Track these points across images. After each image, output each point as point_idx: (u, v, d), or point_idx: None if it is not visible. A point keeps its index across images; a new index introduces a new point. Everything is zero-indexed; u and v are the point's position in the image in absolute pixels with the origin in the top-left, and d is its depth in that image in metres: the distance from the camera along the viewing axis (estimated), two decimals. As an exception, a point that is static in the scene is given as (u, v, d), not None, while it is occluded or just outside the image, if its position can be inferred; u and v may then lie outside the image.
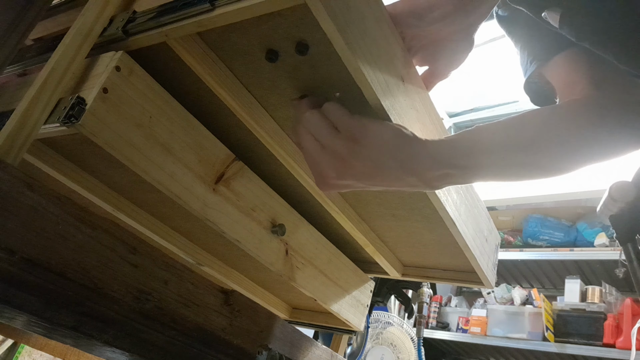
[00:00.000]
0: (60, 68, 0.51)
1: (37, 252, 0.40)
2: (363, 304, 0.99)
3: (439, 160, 0.54)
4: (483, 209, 0.81)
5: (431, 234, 0.81)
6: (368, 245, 0.88)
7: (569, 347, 2.39)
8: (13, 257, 0.38)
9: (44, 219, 0.41)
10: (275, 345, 0.63)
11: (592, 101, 0.60)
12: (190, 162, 0.61)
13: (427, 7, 0.58)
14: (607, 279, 2.57)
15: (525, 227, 2.99)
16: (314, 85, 0.57)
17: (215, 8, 0.47)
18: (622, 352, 2.20)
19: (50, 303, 0.41)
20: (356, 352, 1.57)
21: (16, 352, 1.58)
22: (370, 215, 0.84)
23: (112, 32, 0.56)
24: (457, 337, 2.88)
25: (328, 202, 0.78)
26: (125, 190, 0.72)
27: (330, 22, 0.44)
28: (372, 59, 0.49)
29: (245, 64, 0.58)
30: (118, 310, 0.45)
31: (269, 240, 0.74)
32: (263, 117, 0.65)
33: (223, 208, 0.66)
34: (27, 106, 0.48)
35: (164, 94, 0.58)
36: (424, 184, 0.55)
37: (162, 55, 0.57)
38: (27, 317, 0.41)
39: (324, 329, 1.05)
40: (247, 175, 0.70)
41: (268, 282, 0.96)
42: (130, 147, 0.54)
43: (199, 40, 0.56)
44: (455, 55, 0.64)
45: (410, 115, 0.57)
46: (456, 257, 0.83)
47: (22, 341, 1.17)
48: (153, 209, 0.76)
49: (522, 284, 3.16)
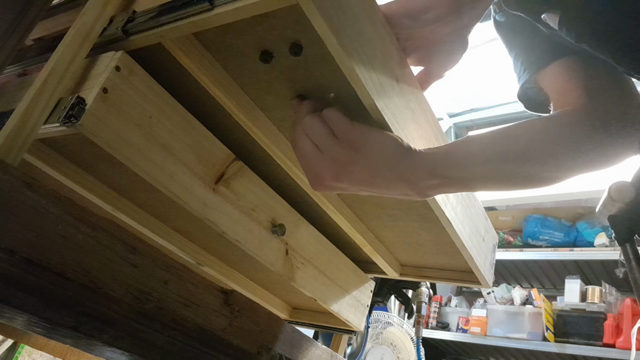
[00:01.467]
0: (60, 68, 0.51)
1: (37, 252, 0.40)
2: (363, 304, 0.99)
3: (433, 171, 0.56)
4: (480, 209, 0.81)
5: (428, 233, 0.81)
6: (365, 245, 0.88)
7: (569, 347, 2.39)
8: (13, 257, 0.38)
9: (44, 219, 0.41)
10: (275, 345, 0.63)
11: (584, 111, 0.60)
12: (190, 162, 0.61)
13: (422, 8, 0.59)
14: (607, 279, 2.57)
15: (525, 227, 3.00)
16: (309, 85, 0.58)
17: (215, 7, 0.47)
18: (622, 352, 2.20)
19: (50, 303, 0.41)
20: (356, 352, 1.57)
21: (16, 352, 1.58)
22: (367, 215, 0.84)
23: (112, 32, 0.56)
24: (457, 337, 2.88)
25: (325, 202, 0.78)
26: (125, 190, 0.72)
27: (323, 22, 0.44)
28: (366, 60, 0.49)
29: (240, 65, 0.58)
30: (118, 310, 0.45)
31: (269, 240, 0.74)
32: (259, 117, 0.65)
33: (223, 208, 0.66)
34: (27, 106, 0.48)
35: (164, 94, 0.58)
36: (416, 193, 0.57)
37: (161, 55, 0.57)
38: (27, 317, 0.41)
39: (324, 329, 1.05)
40: (247, 175, 0.70)
41: (268, 282, 0.96)
42: (130, 147, 0.54)
43: (195, 41, 0.57)
44: (450, 56, 0.64)
45: (405, 116, 0.57)
46: (453, 256, 0.83)
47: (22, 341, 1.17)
48: (153, 209, 0.76)
49: (522, 284, 3.16)
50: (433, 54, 0.63)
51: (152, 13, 0.54)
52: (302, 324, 1.05)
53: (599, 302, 2.44)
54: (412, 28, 0.59)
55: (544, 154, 0.58)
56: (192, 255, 0.84)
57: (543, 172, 0.58)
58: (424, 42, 0.62)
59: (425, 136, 0.62)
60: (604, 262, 2.59)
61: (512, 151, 0.57)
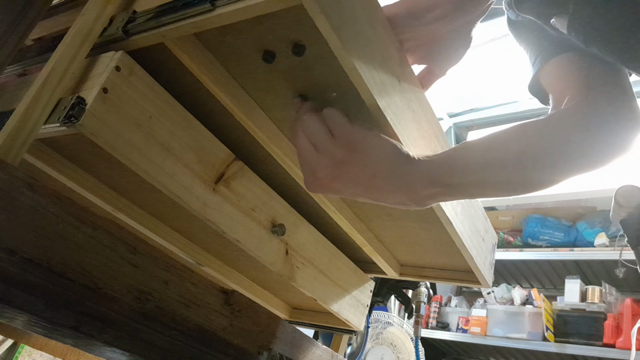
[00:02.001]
0: (60, 68, 0.51)
1: (37, 252, 0.40)
2: (363, 304, 0.99)
3: (432, 179, 0.55)
4: (480, 209, 0.81)
5: (427, 233, 0.81)
6: (365, 245, 0.88)
7: (569, 347, 2.39)
8: (13, 257, 0.38)
9: (44, 219, 0.41)
10: (275, 345, 0.63)
11: (578, 111, 0.60)
12: (190, 162, 0.61)
13: (426, 7, 0.58)
14: (607, 279, 2.57)
15: (525, 227, 2.99)
16: (310, 86, 0.58)
17: (216, 8, 0.47)
18: (622, 352, 2.20)
19: (50, 303, 0.41)
20: (356, 352, 1.57)
21: (16, 352, 1.58)
22: (367, 215, 0.84)
23: (112, 32, 0.56)
24: (457, 337, 2.88)
25: (325, 202, 0.78)
26: (125, 190, 0.72)
27: (326, 22, 0.44)
28: (368, 59, 0.49)
29: (241, 65, 0.58)
30: (118, 310, 0.45)
31: (269, 240, 0.74)
32: (260, 117, 0.65)
33: (223, 208, 0.66)
34: (27, 106, 0.48)
35: (164, 93, 0.58)
36: (414, 202, 0.56)
37: (161, 55, 0.57)
38: (28, 317, 0.41)
39: (324, 329, 1.05)
40: (247, 175, 0.70)
41: (268, 282, 0.96)
42: (130, 147, 0.54)
43: (196, 41, 0.57)
44: (453, 53, 0.64)
45: (407, 115, 0.57)
46: (453, 256, 0.83)
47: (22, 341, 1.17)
48: (153, 209, 0.75)
49: (522, 284, 3.16)
50: (436, 52, 0.63)
51: (152, 13, 0.54)
52: (302, 324, 1.05)
53: (599, 302, 2.44)
54: (416, 27, 0.59)
55: (541, 157, 0.57)
56: (192, 255, 0.84)
57: (541, 176, 0.58)
58: (427, 40, 0.62)
59: (426, 136, 0.62)
60: (604, 262, 2.59)
61: (510, 155, 0.57)
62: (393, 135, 0.55)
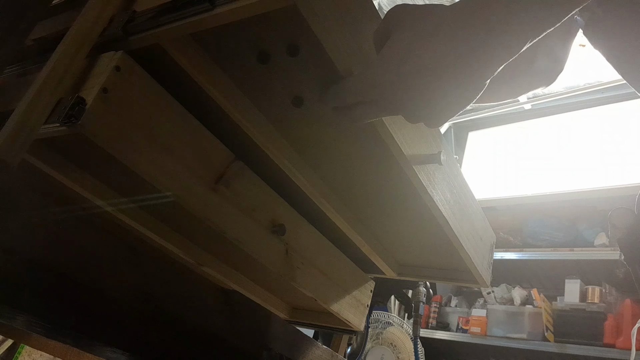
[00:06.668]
0: (60, 68, 0.51)
1: (37, 252, 0.40)
2: (363, 304, 0.99)
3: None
4: (477, 208, 0.81)
5: (425, 233, 0.81)
6: (364, 245, 0.88)
7: (569, 347, 2.39)
8: (13, 257, 0.38)
9: (44, 219, 0.41)
10: (275, 345, 0.63)
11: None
12: (190, 162, 0.61)
13: None
14: (607, 279, 2.56)
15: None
16: (306, 86, 0.58)
17: (215, 7, 0.47)
18: (622, 352, 2.20)
19: (50, 303, 0.41)
20: (356, 352, 1.57)
21: (16, 352, 1.58)
22: (365, 215, 0.84)
23: (112, 32, 0.56)
24: (457, 337, 2.88)
25: (324, 202, 0.78)
26: (125, 190, 0.72)
27: (319, 23, 0.44)
28: (364, 59, 0.49)
29: (237, 66, 0.58)
30: (118, 310, 0.45)
31: (269, 240, 0.74)
32: (257, 118, 0.65)
33: (223, 208, 0.66)
34: (27, 106, 0.48)
35: (164, 93, 0.58)
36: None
37: (161, 55, 0.57)
38: (27, 317, 0.41)
39: (324, 329, 1.05)
40: (247, 175, 0.70)
41: (268, 282, 0.96)
42: (130, 147, 0.54)
43: (192, 42, 0.57)
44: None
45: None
46: (451, 256, 0.83)
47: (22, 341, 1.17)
48: (153, 208, 0.75)
49: (522, 284, 3.16)
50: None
51: (152, 13, 0.54)
52: (302, 324, 1.05)
53: (599, 302, 2.44)
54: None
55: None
56: (192, 255, 0.84)
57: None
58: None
59: (424, 137, 0.62)
60: (604, 262, 2.58)
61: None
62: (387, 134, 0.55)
